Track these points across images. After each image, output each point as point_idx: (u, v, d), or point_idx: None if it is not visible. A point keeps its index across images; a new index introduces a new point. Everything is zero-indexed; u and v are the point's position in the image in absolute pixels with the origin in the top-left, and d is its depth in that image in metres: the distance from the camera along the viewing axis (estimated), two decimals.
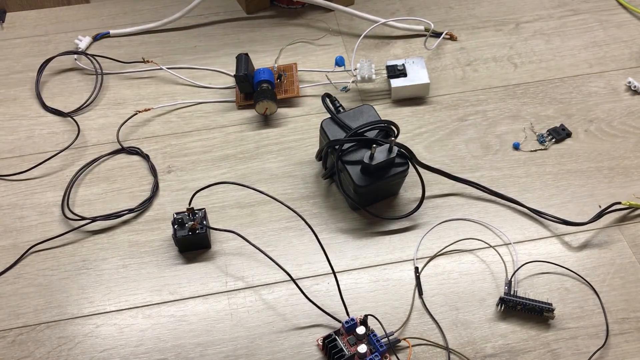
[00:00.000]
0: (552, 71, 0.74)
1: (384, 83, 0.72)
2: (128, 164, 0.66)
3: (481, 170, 0.64)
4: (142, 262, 0.58)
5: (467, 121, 0.69)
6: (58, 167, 0.65)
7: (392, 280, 0.57)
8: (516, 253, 0.58)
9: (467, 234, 0.59)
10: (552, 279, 0.56)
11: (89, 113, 0.71)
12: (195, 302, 0.55)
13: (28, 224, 0.61)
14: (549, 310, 0.53)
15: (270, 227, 0.60)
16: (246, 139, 0.68)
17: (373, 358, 0.50)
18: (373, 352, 0.51)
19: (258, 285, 0.56)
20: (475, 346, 0.52)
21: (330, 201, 0.63)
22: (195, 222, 0.56)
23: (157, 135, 0.68)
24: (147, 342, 0.53)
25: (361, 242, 0.60)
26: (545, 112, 0.69)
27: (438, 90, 0.72)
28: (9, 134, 0.69)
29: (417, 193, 0.62)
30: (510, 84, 0.72)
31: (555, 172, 0.64)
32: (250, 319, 0.54)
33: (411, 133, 0.68)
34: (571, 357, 0.51)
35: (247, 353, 0.52)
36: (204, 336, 0.53)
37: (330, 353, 0.50)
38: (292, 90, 0.71)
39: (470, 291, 0.56)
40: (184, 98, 0.72)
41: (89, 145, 0.67)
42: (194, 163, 0.66)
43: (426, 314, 0.54)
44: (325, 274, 0.57)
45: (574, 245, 0.58)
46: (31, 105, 0.71)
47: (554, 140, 0.67)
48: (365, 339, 0.52)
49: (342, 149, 0.58)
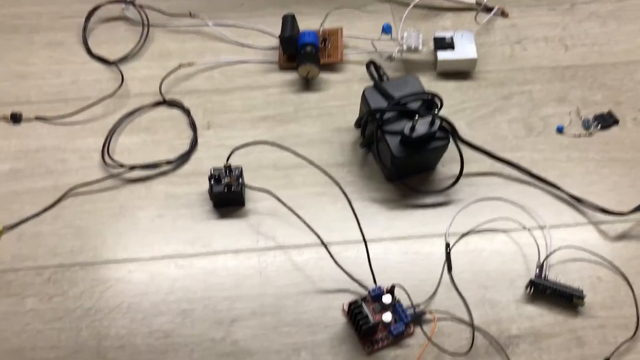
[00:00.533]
0: (604, 55, 0.71)
1: (429, 55, 0.71)
2: (169, 117, 0.66)
3: (522, 151, 0.63)
4: (177, 213, 0.59)
5: (511, 100, 0.67)
6: (100, 114, 0.66)
7: (421, 253, 0.57)
8: (550, 237, 0.57)
9: (502, 214, 0.59)
10: (585, 266, 0.55)
11: (133, 63, 0.71)
12: (226, 257, 0.56)
13: (69, 167, 0.62)
14: (579, 297, 0.52)
15: (304, 191, 0.61)
16: (286, 102, 0.68)
17: (397, 327, 0.51)
18: (397, 322, 0.51)
19: (288, 247, 0.57)
20: (501, 326, 0.52)
21: (365, 170, 0.62)
22: (231, 179, 0.57)
23: (199, 91, 0.68)
24: (177, 291, 0.54)
25: (394, 213, 0.59)
26: (594, 97, 0.68)
27: (485, 67, 0.70)
28: (55, 77, 0.70)
29: (454, 169, 0.61)
30: (560, 66, 0.70)
31: (598, 159, 0.63)
32: (279, 278, 0.55)
33: (454, 108, 0.66)
34: (597, 345, 0.51)
35: (273, 311, 0.53)
36: (232, 290, 0.54)
37: (355, 319, 0.51)
38: (335, 55, 0.70)
39: (500, 271, 0.55)
40: (227, 55, 0.72)
41: (131, 95, 0.68)
42: (233, 121, 0.66)
43: (453, 289, 0.54)
44: (356, 241, 0.57)
45: (611, 235, 0.57)
46: (77, 50, 0.72)
47: (599, 126, 0.65)
48: (391, 308, 0.52)
49: (383, 118, 0.57)
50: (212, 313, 0.53)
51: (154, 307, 0.53)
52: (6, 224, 0.58)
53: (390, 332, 0.51)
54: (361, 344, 0.51)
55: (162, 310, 0.53)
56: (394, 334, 0.51)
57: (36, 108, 0.67)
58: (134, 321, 0.53)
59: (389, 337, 0.51)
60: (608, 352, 0.50)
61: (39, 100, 0.67)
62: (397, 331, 0.50)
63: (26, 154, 0.63)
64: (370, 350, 0.51)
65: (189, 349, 0.51)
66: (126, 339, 0.52)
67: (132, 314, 0.53)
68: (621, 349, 0.50)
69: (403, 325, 0.51)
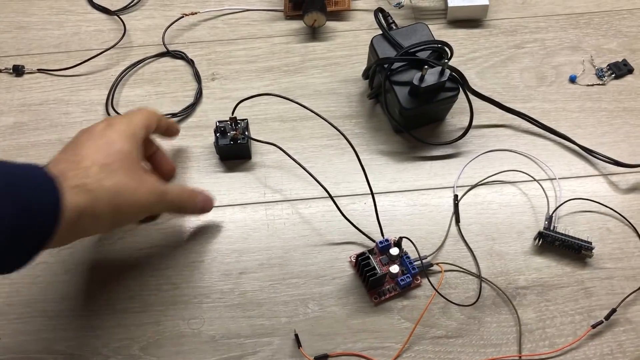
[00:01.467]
0: (621, 1, 0.69)
1: (439, 1, 0.68)
2: (172, 68, 0.65)
3: (533, 101, 0.62)
4: (183, 166, 0.58)
5: (523, 49, 0.65)
6: (103, 66, 0.65)
7: (429, 205, 0.56)
8: (560, 189, 0.56)
9: (512, 165, 0.58)
10: (595, 217, 0.55)
11: (135, 13, 0.69)
12: (234, 209, 0.56)
13: (73, 120, 0.61)
14: (588, 248, 0.52)
15: (311, 144, 0.60)
16: (292, 52, 0.66)
17: (404, 279, 0.51)
18: (405, 274, 0.51)
19: (295, 199, 0.57)
20: (508, 277, 0.52)
21: (373, 122, 0.61)
22: (237, 131, 0.56)
23: (203, 41, 0.67)
24: (185, 244, 0.54)
25: (402, 165, 0.59)
26: (608, 45, 0.66)
27: (496, 14, 0.68)
28: (56, 28, 0.68)
29: (464, 120, 0.60)
30: (574, 13, 0.68)
31: (611, 109, 0.61)
32: (286, 230, 0.55)
33: (464, 57, 0.65)
34: (605, 296, 0.51)
35: (281, 263, 0.53)
36: (240, 243, 0.54)
37: (363, 270, 0.51)
38: (342, 2, 0.68)
39: (509, 223, 0.55)
40: (230, 4, 0.70)
41: (134, 46, 0.66)
42: (238, 72, 0.65)
43: (461, 241, 0.54)
44: (363, 194, 0.57)
45: (621, 187, 0.57)
46: (78, 0, 0.70)
47: (613, 75, 0.63)
48: (398, 260, 0.52)
49: (392, 68, 0.56)
50: (220, 265, 0.53)
51: (162, 259, 0.54)
52: None
53: (398, 284, 0.51)
54: (368, 296, 0.51)
55: (170, 263, 0.53)
56: (401, 286, 0.51)
57: (38, 60, 0.65)
58: (143, 273, 0.53)
59: (396, 288, 0.52)
60: (615, 304, 0.50)
61: (40, 52, 0.66)
62: (405, 283, 0.51)
63: (30, 107, 0.62)
64: (377, 302, 0.51)
65: (197, 301, 0.52)
66: (135, 291, 0.52)
67: (141, 266, 0.53)
68: (628, 299, 0.51)
69: (410, 277, 0.51)
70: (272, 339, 0.50)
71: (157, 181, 0.47)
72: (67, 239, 0.42)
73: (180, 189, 0.51)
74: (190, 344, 0.50)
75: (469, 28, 0.67)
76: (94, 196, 0.41)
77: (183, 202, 0.50)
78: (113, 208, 0.42)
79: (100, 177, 0.42)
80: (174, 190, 0.49)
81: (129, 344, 0.50)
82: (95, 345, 0.50)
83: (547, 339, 0.49)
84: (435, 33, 0.59)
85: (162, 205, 0.48)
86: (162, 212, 0.53)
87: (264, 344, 0.50)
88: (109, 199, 0.42)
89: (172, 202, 0.49)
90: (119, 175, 0.43)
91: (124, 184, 0.43)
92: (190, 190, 0.52)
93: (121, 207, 0.43)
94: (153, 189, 0.46)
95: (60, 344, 0.50)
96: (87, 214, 0.41)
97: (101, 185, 0.42)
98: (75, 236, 0.43)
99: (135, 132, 0.47)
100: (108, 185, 0.42)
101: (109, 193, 0.42)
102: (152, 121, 0.50)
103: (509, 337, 0.50)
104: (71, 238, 0.43)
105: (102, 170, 0.42)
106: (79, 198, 0.40)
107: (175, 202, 0.49)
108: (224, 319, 0.51)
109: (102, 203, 0.42)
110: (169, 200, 0.48)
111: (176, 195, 0.49)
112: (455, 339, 0.50)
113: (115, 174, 0.43)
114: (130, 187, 0.44)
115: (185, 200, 0.51)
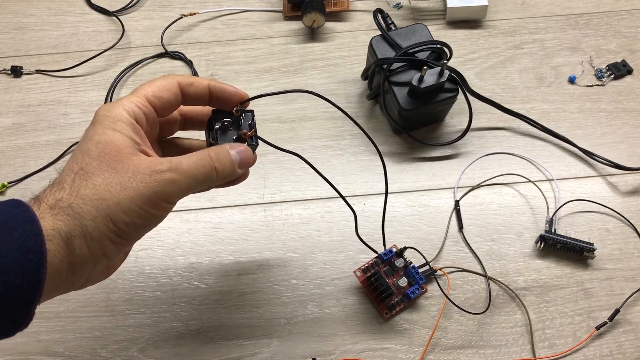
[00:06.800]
0: (620, 2, 0.69)
1: (439, 2, 0.68)
2: (171, 69, 0.65)
3: (533, 102, 0.62)
4: None
5: (522, 49, 0.65)
6: (102, 67, 0.65)
7: (429, 206, 0.56)
8: (559, 190, 0.56)
9: (511, 168, 0.58)
10: (594, 218, 0.55)
11: (134, 13, 0.69)
12: (233, 210, 0.56)
13: (71, 121, 0.61)
14: (590, 250, 0.52)
15: (309, 144, 0.60)
16: (291, 52, 0.66)
17: (413, 290, 0.50)
18: (412, 285, 0.50)
19: (295, 200, 0.57)
20: (508, 278, 0.52)
21: (372, 123, 0.61)
22: (251, 131, 0.56)
23: (201, 42, 0.67)
24: (184, 245, 0.54)
25: (401, 166, 0.59)
26: (607, 45, 0.66)
27: (496, 14, 0.68)
28: (54, 29, 0.68)
29: (463, 121, 0.60)
30: (573, 13, 0.68)
31: (610, 110, 0.61)
32: (285, 231, 0.55)
33: (463, 58, 0.65)
34: (604, 297, 0.51)
35: (280, 264, 0.53)
36: (239, 244, 0.54)
37: (375, 287, 0.50)
38: (341, 3, 0.68)
39: (508, 224, 0.55)
40: (229, 4, 0.70)
41: (132, 47, 0.66)
42: (237, 73, 0.65)
43: (460, 242, 0.54)
44: (362, 194, 0.57)
45: (621, 188, 0.57)
46: (76, 1, 0.70)
47: (612, 76, 0.63)
48: (403, 271, 0.51)
49: (391, 69, 0.56)
50: (219, 266, 0.53)
51: (161, 260, 0.53)
52: (10, 179, 0.58)
53: (407, 296, 0.50)
54: (379, 311, 0.51)
55: (169, 264, 0.53)
56: (411, 298, 0.50)
57: (36, 61, 0.65)
58: (142, 275, 0.53)
59: (405, 300, 0.51)
60: (615, 304, 0.50)
61: (39, 53, 0.66)
62: (415, 295, 0.50)
63: (28, 107, 0.62)
64: (388, 317, 0.50)
65: (196, 302, 0.51)
66: (134, 292, 0.52)
67: (140, 267, 0.53)
68: (628, 301, 0.50)
69: (419, 288, 0.50)
70: (271, 340, 0.50)
71: (162, 158, 0.36)
72: (71, 278, 0.34)
73: (200, 153, 0.38)
74: (189, 346, 0.50)
75: (468, 29, 0.67)
76: (75, 212, 0.33)
77: (210, 164, 0.38)
78: (105, 218, 0.33)
79: (75, 186, 0.33)
80: (190, 158, 0.37)
81: (127, 345, 0.50)
82: (93, 347, 0.49)
83: (547, 340, 0.49)
84: (434, 34, 0.59)
85: (184, 182, 0.36)
86: (199, 189, 0.40)
87: (263, 345, 0.49)
88: (94, 209, 0.33)
89: (193, 172, 0.37)
90: (98, 176, 0.34)
91: (105, 185, 0.34)
92: (218, 148, 0.39)
93: (114, 212, 0.33)
94: (155, 168, 0.35)
95: (58, 345, 0.49)
96: (76, 236, 0.32)
97: (79, 195, 0.33)
98: (81, 269, 0.34)
99: (119, 115, 0.36)
100: (86, 193, 0.33)
101: (91, 202, 0.33)
102: (159, 91, 0.39)
103: (508, 338, 0.49)
104: (78, 275, 0.34)
105: (78, 176, 0.34)
106: (58, 221, 0.32)
107: (199, 169, 0.37)
108: (222, 321, 0.51)
109: (89, 217, 0.33)
110: (186, 171, 0.36)
111: (194, 163, 0.37)
112: (461, 345, 0.50)
113: (93, 177, 0.34)
114: (114, 184, 0.34)
115: (211, 162, 0.38)
